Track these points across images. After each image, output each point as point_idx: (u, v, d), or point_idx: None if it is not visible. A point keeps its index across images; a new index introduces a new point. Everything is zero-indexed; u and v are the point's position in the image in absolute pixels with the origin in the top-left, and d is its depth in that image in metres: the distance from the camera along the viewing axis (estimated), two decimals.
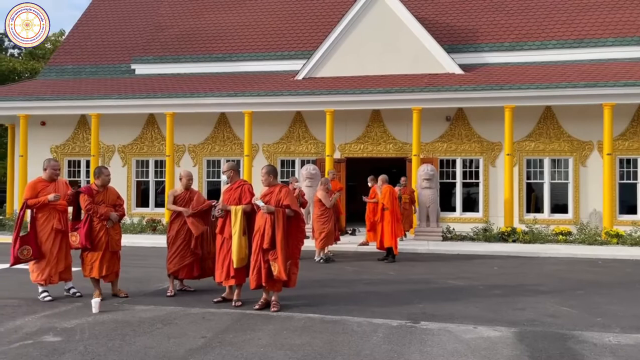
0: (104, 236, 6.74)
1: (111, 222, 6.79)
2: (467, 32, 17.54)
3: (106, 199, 6.87)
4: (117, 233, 6.94)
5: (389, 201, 10.59)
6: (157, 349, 4.83)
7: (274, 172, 6.49)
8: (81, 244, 6.68)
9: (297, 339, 5.15)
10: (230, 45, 18.89)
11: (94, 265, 6.71)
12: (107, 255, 6.78)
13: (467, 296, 7.26)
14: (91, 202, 6.73)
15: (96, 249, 6.71)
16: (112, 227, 6.82)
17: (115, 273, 6.95)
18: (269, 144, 17.04)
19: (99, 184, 6.86)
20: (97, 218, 6.71)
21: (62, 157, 18.10)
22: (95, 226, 6.72)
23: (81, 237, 6.65)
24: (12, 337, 5.12)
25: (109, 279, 6.89)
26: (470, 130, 15.99)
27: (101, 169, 6.93)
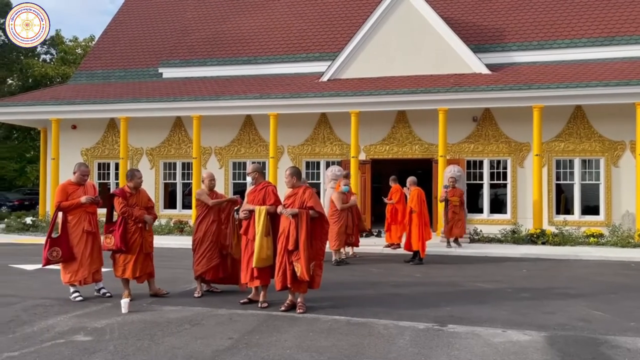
0: (138, 238, 6.87)
1: (148, 225, 6.92)
2: (494, 32, 17.30)
3: (139, 202, 6.99)
4: (150, 235, 7.08)
5: (417, 204, 10.49)
6: (184, 349, 4.88)
7: (297, 173, 6.50)
8: (116, 246, 6.80)
9: (323, 341, 5.14)
10: (256, 48, 19.02)
11: (127, 267, 6.84)
12: (141, 257, 6.91)
13: (495, 299, 7.15)
14: (126, 204, 6.85)
15: (130, 250, 6.84)
16: (146, 230, 6.94)
17: (148, 274, 7.07)
18: (294, 146, 17.09)
19: (131, 187, 6.98)
20: (131, 221, 6.83)
21: (92, 159, 18.49)
22: (130, 228, 6.85)
23: (116, 239, 6.77)
24: (44, 336, 5.24)
25: (142, 280, 7.02)
26: (497, 131, 15.75)
27: (134, 172, 7.04)
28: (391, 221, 12.50)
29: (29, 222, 16.56)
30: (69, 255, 6.76)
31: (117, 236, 6.75)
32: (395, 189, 12.55)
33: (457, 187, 12.95)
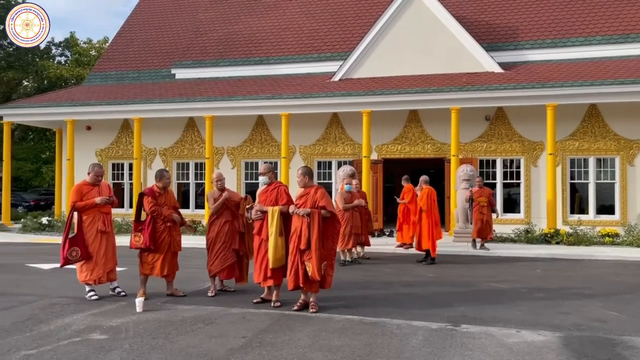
0: (167, 237, 6.97)
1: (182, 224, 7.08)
2: (507, 30, 17.19)
3: (167, 201, 7.09)
4: (178, 234, 7.17)
5: (426, 203, 10.47)
6: (199, 348, 4.92)
7: (309, 173, 6.52)
8: (145, 245, 6.90)
9: (336, 340, 5.15)
10: (268, 48, 19.08)
11: (155, 265, 6.95)
12: (169, 256, 7.02)
13: (509, 299, 7.11)
14: (155, 204, 6.94)
15: (158, 249, 6.94)
16: (174, 229, 7.04)
17: (174, 273, 7.16)
18: (306, 146, 17.12)
19: (160, 187, 7.08)
20: (160, 220, 6.92)
21: (106, 160, 18.68)
22: (159, 227, 6.95)
23: (145, 238, 6.88)
24: (61, 335, 5.31)
25: (170, 278, 7.10)
26: (510, 130, 15.65)
27: (162, 172, 7.14)
28: (403, 221, 12.43)
29: (44, 222, 16.75)
30: (86, 254, 6.85)
31: (147, 235, 6.86)
32: (408, 189, 12.50)
33: (484, 187, 12.42)
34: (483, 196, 12.09)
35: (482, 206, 12.02)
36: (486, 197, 12.09)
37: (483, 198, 12.07)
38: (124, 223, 15.77)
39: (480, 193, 12.14)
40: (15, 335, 5.26)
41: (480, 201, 12.06)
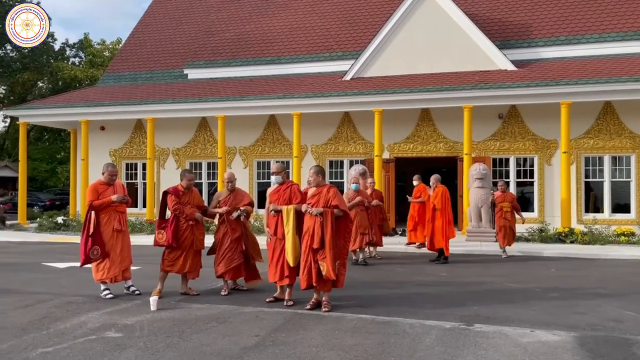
0: (189, 235, 7.05)
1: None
2: (520, 27, 17.05)
3: (191, 200, 7.17)
4: (201, 233, 7.23)
5: (440, 201, 10.41)
6: (212, 346, 4.96)
7: (322, 172, 6.53)
8: (168, 242, 7.00)
9: (349, 339, 5.16)
10: (279, 48, 19.12)
11: (176, 262, 7.03)
12: (191, 254, 7.09)
13: (523, 299, 7.06)
14: (178, 202, 7.03)
15: (181, 247, 7.02)
16: (197, 227, 7.11)
17: (197, 271, 7.22)
18: (318, 145, 17.13)
19: (184, 186, 7.15)
20: (183, 218, 7.01)
21: (120, 160, 18.84)
22: (182, 225, 7.03)
23: (168, 236, 6.98)
24: (77, 332, 5.38)
25: (192, 276, 7.17)
26: (524, 128, 15.52)
27: (185, 173, 7.24)
28: (419, 220, 12.18)
29: (60, 221, 16.96)
30: (104, 253, 6.93)
31: (169, 232, 6.96)
32: (421, 188, 12.36)
33: (507, 191, 11.64)
34: (506, 201, 11.32)
35: (505, 211, 11.25)
36: (509, 201, 11.35)
37: (506, 203, 11.30)
38: (137, 222, 15.91)
39: (503, 197, 11.36)
40: (32, 333, 5.34)
41: (503, 206, 11.30)
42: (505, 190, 11.49)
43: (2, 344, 4.98)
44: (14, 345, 4.96)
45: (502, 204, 11.29)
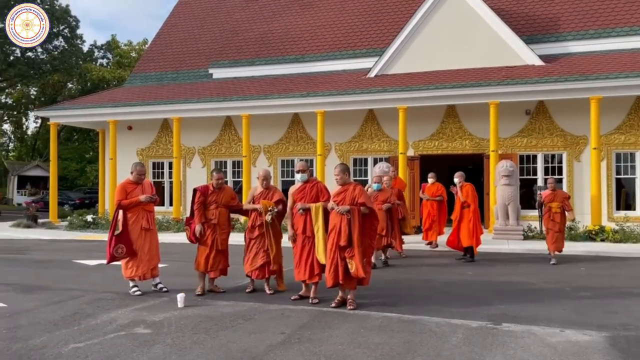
0: (211, 235, 7.13)
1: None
2: (548, 21, 16.72)
3: (219, 199, 7.21)
4: (224, 233, 7.28)
5: (472, 199, 10.28)
6: (239, 343, 5.00)
7: (347, 170, 6.51)
8: (189, 238, 7.21)
9: (375, 337, 5.14)
10: (303, 46, 19.14)
11: (200, 260, 7.16)
12: (213, 253, 7.15)
13: (552, 298, 6.93)
14: (201, 202, 7.11)
15: (203, 245, 7.15)
16: (219, 227, 7.17)
17: (220, 270, 7.28)
18: (341, 143, 17.11)
19: (215, 185, 7.24)
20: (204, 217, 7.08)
21: (147, 159, 19.14)
22: (204, 223, 7.12)
23: (190, 232, 7.15)
24: (107, 329, 5.49)
25: (214, 274, 7.23)
26: (552, 124, 15.23)
27: (213, 173, 7.31)
28: (437, 218, 11.84)
29: (89, 219, 17.32)
30: (131, 251, 7.05)
31: (192, 229, 7.12)
32: (439, 187, 11.94)
33: (557, 190, 10.26)
34: (556, 201, 10.01)
35: (554, 213, 10.00)
36: (559, 201, 10.01)
37: (556, 203, 10.00)
38: (164, 221, 16.13)
39: (553, 197, 10.05)
40: (64, 329, 5.47)
41: (551, 207, 10.03)
42: (555, 189, 10.15)
43: (36, 339, 5.11)
44: (47, 340, 5.09)
45: (551, 204, 10.03)
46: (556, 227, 9.98)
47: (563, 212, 10.05)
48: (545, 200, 10.13)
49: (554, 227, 9.98)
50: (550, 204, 10.04)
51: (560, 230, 10.06)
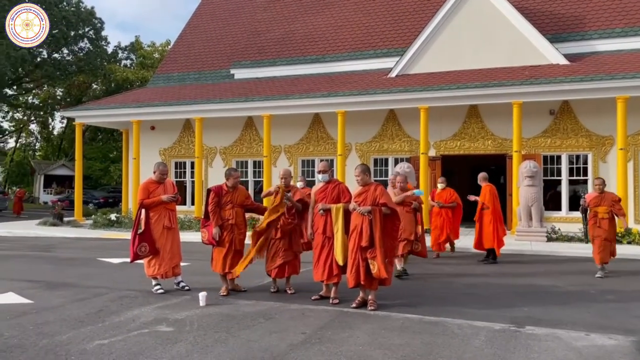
0: (228, 235, 7.11)
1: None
2: (573, 20, 16.44)
3: (234, 199, 7.19)
4: (241, 233, 7.25)
5: (490, 200, 10.16)
6: (260, 342, 5.03)
7: (368, 170, 6.50)
8: (208, 240, 7.14)
9: (396, 338, 5.12)
10: (324, 46, 19.16)
11: (218, 261, 7.14)
12: (231, 253, 7.13)
13: (576, 301, 6.82)
14: (216, 203, 7.09)
15: (220, 246, 7.11)
16: (237, 227, 7.15)
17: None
18: (362, 143, 17.07)
19: (229, 185, 7.22)
20: (220, 219, 7.06)
21: (169, 159, 19.36)
22: (221, 224, 7.09)
23: (208, 234, 7.10)
24: (130, 326, 5.57)
25: (231, 275, 7.21)
26: (577, 124, 14.97)
27: (231, 171, 7.26)
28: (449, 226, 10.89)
29: (113, 218, 17.59)
30: (153, 250, 7.13)
31: (209, 231, 7.07)
32: (452, 192, 11.10)
33: (606, 192, 8.88)
34: (603, 205, 8.68)
35: (601, 219, 8.63)
36: (608, 205, 8.68)
37: (603, 207, 8.66)
38: (186, 220, 16.30)
39: (599, 200, 8.71)
40: (89, 326, 5.56)
41: (598, 212, 8.66)
42: (603, 190, 8.81)
43: (62, 335, 5.21)
44: (73, 336, 5.19)
45: (597, 209, 8.67)
46: (603, 235, 8.59)
47: (612, 217, 8.75)
48: (590, 204, 8.79)
49: (601, 235, 8.60)
50: (597, 208, 8.69)
51: (609, 238, 8.67)
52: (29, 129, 50.63)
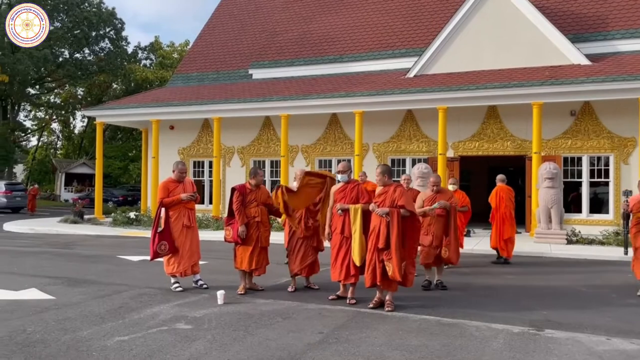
0: (255, 232, 7.16)
1: None
2: (595, 19, 16.19)
3: (258, 198, 7.27)
4: (267, 230, 7.32)
5: (494, 201, 10.14)
6: (277, 341, 5.05)
7: (387, 171, 6.47)
8: (233, 238, 7.17)
9: (413, 340, 5.11)
10: (342, 46, 19.15)
11: (244, 259, 7.17)
12: (257, 250, 7.19)
13: (597, 304, 6.72)
14: (240, 201, 7.14)
15: (246, 243, 7.14)
16: (262, 224, 7.22)
17: (264, 267, 7.36)
18: (379, 143, 17.04)
19: (253, 184, 7.28)
20: (246, 217, 7.11)
21: (188, 158, 19.54)
22: (247, 222, 7.13)
23: (233, 232, 7.14)
24: (150, 323, 5.63)
25: (259, 272, 7.29)
26: (598, 125, 14.75)
27: (257, 171, 7.35)
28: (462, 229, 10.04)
29: (132, 216, 17.79)
30: (173, 248, 7.21)
31: (235, 229, 7.10)
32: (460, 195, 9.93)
33: None
34: None
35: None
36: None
37: None
38: (204, 219, 16.42)
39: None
40: (109, 322, 5.64)
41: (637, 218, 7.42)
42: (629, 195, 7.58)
43: (83, 331, 5.30)
44: (93, 332, 5.27)
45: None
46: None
47: None
48: (633, 208, 7.49)
49: None
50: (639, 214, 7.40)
51: None
52: (50, 128, 51.51)
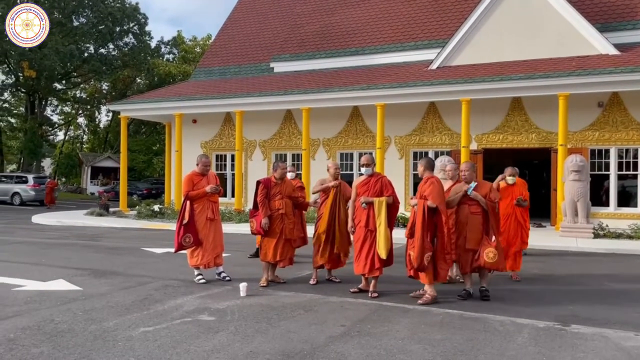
0: (279, 225, 7.19)
1: None
2: (624, 8, 15.76)
3: (283, 191, 7.29)
4: (291, 222, 7.33)
5: None
6: (299, 333, 5.07)
7: (429, 165, 6.47)
8: (256, 230, 7.22)
9: (436, 333, 5.07)
10: (363, 39, 19.03)
11: (268, 251, 7.22)
12: (281, 242, 7.22)
13: (625, 300, 6.58)
14: (265, 194, 7.18)
15: (270, 235, 7.18)
16: (287, 217, 7.24)
17: (289, 259, 7.39)
18: (401, 136, 16.91)
19: (277, 177, 7.31)
20: (269, 209, 7.14)
21: (211, 151, 19.69)
22: (271, 214, 7.18)
23: (257, 224, 7.18)
24: (174, 314, 5.71)
25: (283, 264, 7.33)
26: (627, 117, 14.38)
27: (278, 163, 7.36)
28: None
29: (156, 209, 18.02)
30: (197, 240, 7.28)
31: (258, 221, 7.14)
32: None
33: None
34: None
35: None
36: None
37: None
38: (226, 212, 16.55)
39: None
40: (134, 313, 5.74)
41: None
42: None
43: (109, 322, 5.40)
44: (119, 323, 5.36)
45: None
46: None
47: None
48: None
49: None
50: None
51: None
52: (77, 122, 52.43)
